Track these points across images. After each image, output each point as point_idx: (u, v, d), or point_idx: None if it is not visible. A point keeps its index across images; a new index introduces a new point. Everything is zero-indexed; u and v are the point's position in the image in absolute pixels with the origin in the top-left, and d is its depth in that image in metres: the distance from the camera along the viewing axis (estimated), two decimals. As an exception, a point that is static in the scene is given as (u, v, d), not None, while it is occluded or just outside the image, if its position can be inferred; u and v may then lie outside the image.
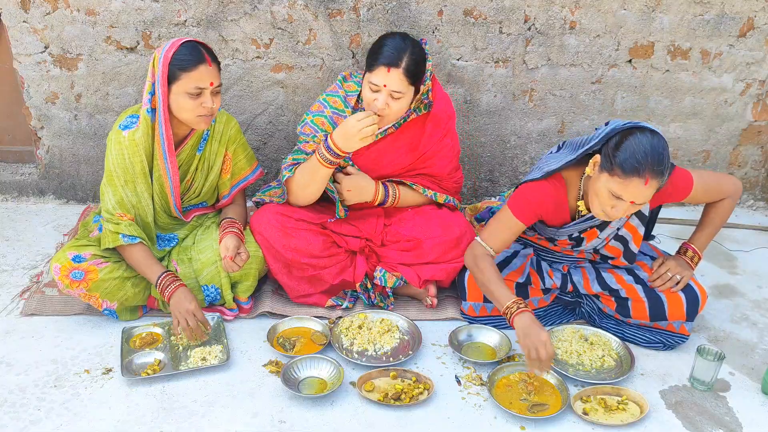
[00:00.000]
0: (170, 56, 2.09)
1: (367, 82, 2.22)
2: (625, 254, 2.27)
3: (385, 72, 2.16)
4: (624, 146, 1.88)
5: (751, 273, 2.87)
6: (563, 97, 3.18)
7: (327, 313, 2.43)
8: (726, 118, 3.30)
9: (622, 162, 1.86)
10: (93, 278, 2.19)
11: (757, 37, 3.10)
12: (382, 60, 2.16)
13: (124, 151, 2.20)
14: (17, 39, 2.92)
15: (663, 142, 1.88)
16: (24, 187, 3.27)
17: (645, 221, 2.21)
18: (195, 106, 2.14)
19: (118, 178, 2.21)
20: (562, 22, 3.00)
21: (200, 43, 2.16)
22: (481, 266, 2.15)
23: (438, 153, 2.45)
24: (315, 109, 2.40)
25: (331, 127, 2.35)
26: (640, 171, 1.84)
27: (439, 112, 2.40)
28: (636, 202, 1.91)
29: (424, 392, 2.04)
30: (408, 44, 2.19)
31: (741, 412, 2.04)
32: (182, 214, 2.41)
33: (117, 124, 2.24)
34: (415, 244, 2.42)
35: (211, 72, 2.13)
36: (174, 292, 2.15)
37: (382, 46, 2.19)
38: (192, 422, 1.91)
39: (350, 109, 2.36)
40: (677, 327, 2.26)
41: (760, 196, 3.53)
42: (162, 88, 2.11)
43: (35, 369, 2.10)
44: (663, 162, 1.86)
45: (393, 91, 2.18)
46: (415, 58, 2.19)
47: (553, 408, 1.98)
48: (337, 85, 2.42)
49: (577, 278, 2.37)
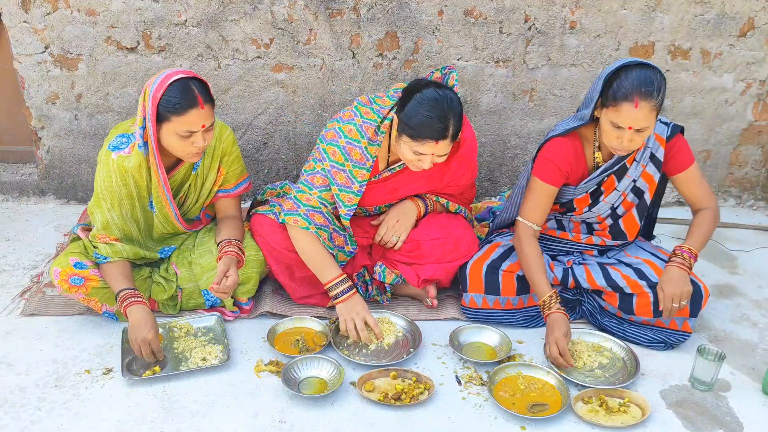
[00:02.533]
0: (159, 97, 1.99)
1: (408, 148, 2.09)
2: (639, 207, 2.33)
3: (434, 144, 2.05)
4: (614, 83, 2.03)
5: (751, 273, 2.87)
6: (563, 97, 3.18)
7: (327, 313, 2.43)
8: (726, 118, 3.30)
9: (612, 93, 2.02)
10: (93, 285, 2.19)
11: (758, 36, 3.10)
12: (429, 134, 2.03)
13: (112, 174, 2.14)
14: (18, 39, 2.93)
15: (652, 70, 2.01)
16: (24, 187, 3.27)
17: (660, 169, 2.27)
18: (186, 146, 2.08)
19: (104, 201, 2.17)
20: (563, 22, 3.00)
21: (194, 78, 2.05)
22: (526, 251, 2.26)
23: (458, 182, 2.43)
24: (329, 137, 2.26)
25: (342, 157, 2.24)
26: (628, 96, 1.98)
27: (467, 152, 2.33)
28: (635, 128, 2.01)
29: (424, 392, 2.04)
30: (449, 105, 2.04)
31: (741, 412, 2.04)
32: (188, 228, 2.41)
33: (107, 142, 2.18)
34: (415, 246, 2.41)
35: (203, 114, 2.03)
36: (130, 307, 2.08)
37: (427, 117, 2.02)
38: (192, 422, 1.91)
39: (366, 140, 2.23)
40: (680, 324, 2.26)
41: (760, 196, 3.53)
42: (152, 126, 2.04)
43: (36, 369, 2.10)
44: (650, 84, 1.97)
45: (440, 155, 2.11)
46: (458, 118, 2.07)
47: (553, 408, 1.98)
48: (353, 113, 2.27)
49: (579, 273, 2.37)
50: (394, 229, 2.41)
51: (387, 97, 2.29)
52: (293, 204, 2.29)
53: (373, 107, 2.27)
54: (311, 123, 3.17)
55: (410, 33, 2.99)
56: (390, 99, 2.28)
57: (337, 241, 2.35)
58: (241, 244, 2.33)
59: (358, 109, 2.27)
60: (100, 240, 2.21)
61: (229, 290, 2.19)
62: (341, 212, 2.28)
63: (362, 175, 2.26)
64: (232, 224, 2.39)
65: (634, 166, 2.25)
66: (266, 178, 3.28)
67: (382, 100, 2.29)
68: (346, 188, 2.26)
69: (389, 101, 2.27)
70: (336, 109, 3.13)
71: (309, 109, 3.14)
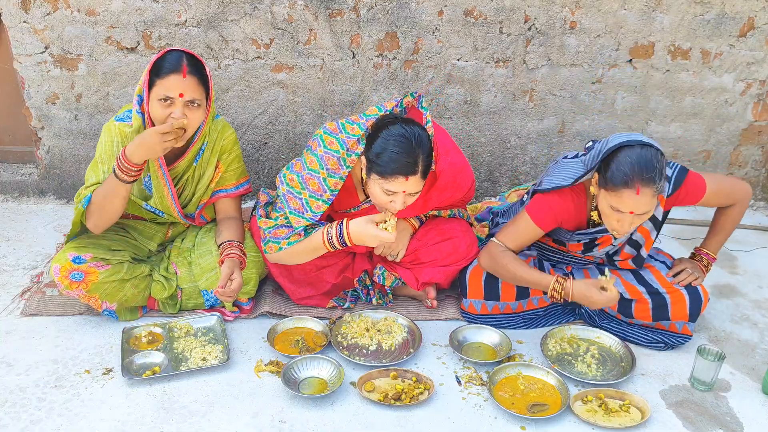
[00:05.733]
0: (153, 62, 2.10)
1: (379, 187, 2.05)
2: (635, 259, 2.28)
3: (404, 181, 2.01)
4: (613, 162, 1.95)
5: (751, 273, 2.87)
6: (563, 97, 3.18)
7: (327, 313, 2.44)
8: (726, 118, 3.30)
9: (611, 176, 1.94)
10: (93, 280, 2.19)
11: (758, 37, 3.10)
12: (398, 170, 1.99)
13: (114, 138, 2.21)
14: (18, 39, 2.93)
15: (652, 152, 1.92)
16: (24, 187, 3.27)
17: (659, 225, 2.22)
18: (164, 116, 2.10)
19: (102, 164, 2.22)
20: (563, 22, 3.00)
21: (190, 54, 2.13)
22: (503, 262, 2.21)
23: (446, 204, 2.42)
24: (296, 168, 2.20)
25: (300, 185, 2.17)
26: (629, 182, 1.91)
27: (445, 183, 2.27)
28: (636, 213, 1.95)
29: (424, 392, 2.04)
30: (418, 142, 2.00)
31: (741, 412, 2.04)
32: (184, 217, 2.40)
33: (115, 116, 2.27)
34: (414, 256, 2.41)
35: (184, 83, 2.07)
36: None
37: (395, 153, 1.98)
38: (192, 422, 1.91)
39: (326, 171, 2.15)
40: (679, 327, 2.26)
41: (761, 196, 3.53)
42: (146, 91, 2.12)
43: (36, 369, 2.10)
44: (652, 170, 1.90)
45: (411, 192, 2.07)
46: (427, 153, 2.04)
47: (553, 408, 1.98)
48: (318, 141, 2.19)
49: (579, 278, 2.37)
50: (391, 247, 2.39)
51: (357, 125, 2.16)
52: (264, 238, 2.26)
53: (339, 136, 2.16)
54: (311, 123, 3.17)
55: (410, 33, 2.99)
56: (360, 127, 2.15)
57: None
58: (243, 246, 2.34)
59: (323, 138, 2.18)
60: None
61: (234, 293, 2.20)
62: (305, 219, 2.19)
63: (318, 206, 2.17)
64: (233, 225, 2.39)
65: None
66: (266, 178, 3.28)
67: (352, 128, 2.16)
68: (297, 212, 2.18)
69: (359, 130, 2.15)
70: (336, 109, 3.14)
71: (309, 109, 3.14)
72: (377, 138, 2.04)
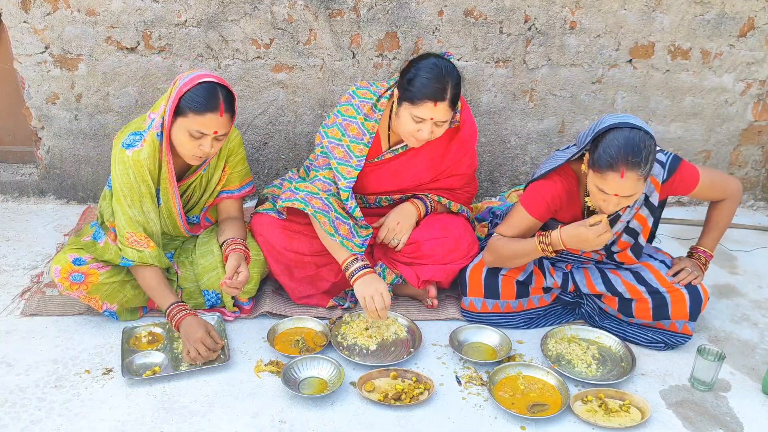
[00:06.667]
0: (184, 91, 2.04)
1: (408, 114, 2.15)
2: (634, 247, 2.27)
3: (432, 107, 2.10)
4: (601, 143, 1.95)
5: (751, 273, 2.87)
6: (563, 97, 3.18)
7: (327, 313, 2.44)
8: (726, 118, 3.30)
9: (598, 158, 1.95)
10: (93, 281, 2.19)
11: (758, 37, 3.10)
12: (428, 95, 2.09)
13: (129, 171, 2.15)
14: (18, 39, 2.92)
15: (640, 135, 1.92)
16: (24, 187, 3.27)
17: (656, 213, 2.22)
18: (192, 147, 2.10)
19: (125, 198, 2.17)
20: (563, 22, 3.00)
21: (223, 85, 2.08)
22: (496, 246, 2.25)
23: (458, 170, 2.45)
24: (329, 122, 2.36)
25: (340, 133, 2.31)
26: (614, 165, 1.90)
27: (466, 135, 2.37)
28: (621, 195, 1.95)
29: (424, 392, 2.04)
30: (448, 71, 2.12)
31: (741, 412, 2.04)
32: (189, 230, 2.41)
33: (119, 141, 2.17)
34: (415, 247, 2.41)
35: (219, 122, 2.07)
36: (181, 321, 2.13)
37: (426, 78, 2.10)
38: (192, 422, 1.91)
39: (362, 116, 2.31)
40: (679, 327, 2.26)
41: (760, 196, 3.53)
42: (168, 116, 2.08)
43: (36, 369, 2.10)
44: (638, 153, 1.89)
45: (438, 121, 2.14)
46: (456, 83, 2.13)
47: (553, 408, 1.98)
48: (350, 95, 2.36)
49: (579, 278, 2.37)
50: (395, 231, 2.41)
51: (386, 82, 2.39)
52: (291, 193, 2.32)
53: (371, 89, 2.36)
54: (311, 123, 3.17)
55: (410, 33, 2.99)
56: (388, 83, 2.36)
57: (342, 230, 2.29)
58: (246, 243, 2.34)
59: (355, 91, 2.36)
60: (129, 241, 2.18)
61: (241, 285, 2.20)
62: (340, 185, 2.29)
63: (360, 150, 2.30)
64: (235, 225, 2.39)
65: (628, 210, 2.19)
66: (266, 178, 3.28)
67: (381, 83, 2.37)
68: (344, 162, 2.30)
69: (387, 84, 2.36)
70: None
71: (309, 109, 3.14)
72: (410, 68, 2.16)
